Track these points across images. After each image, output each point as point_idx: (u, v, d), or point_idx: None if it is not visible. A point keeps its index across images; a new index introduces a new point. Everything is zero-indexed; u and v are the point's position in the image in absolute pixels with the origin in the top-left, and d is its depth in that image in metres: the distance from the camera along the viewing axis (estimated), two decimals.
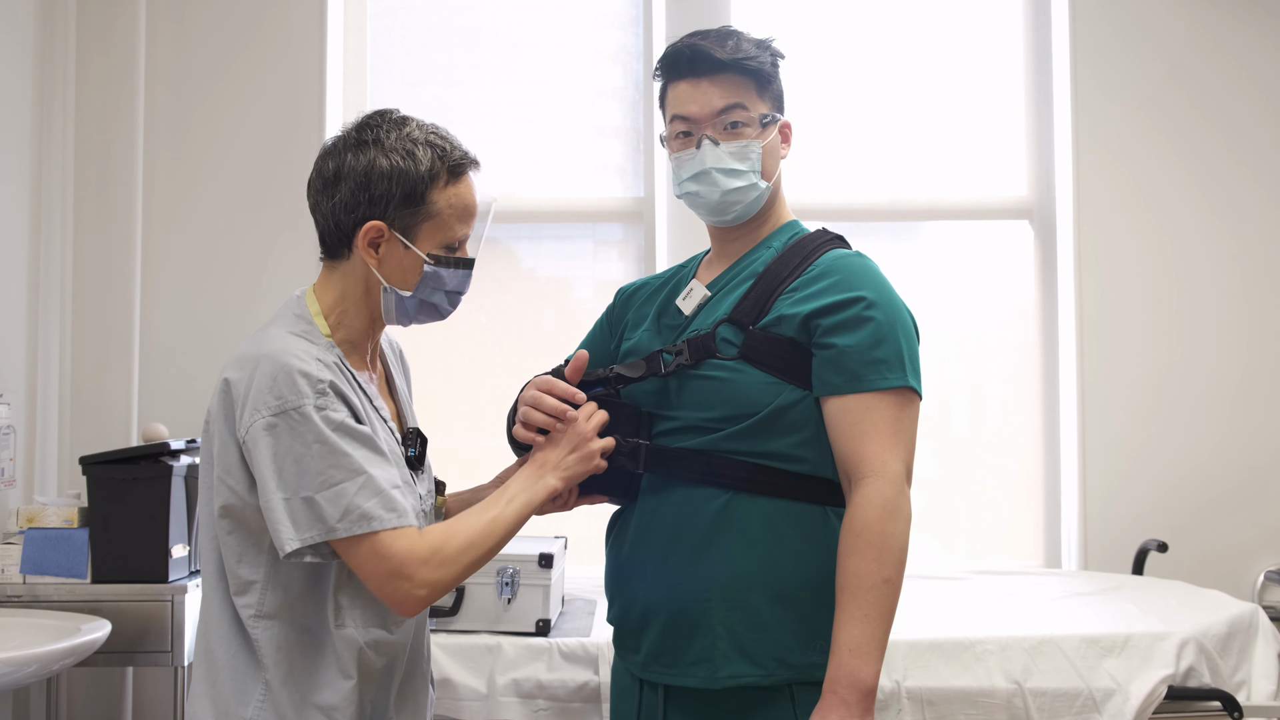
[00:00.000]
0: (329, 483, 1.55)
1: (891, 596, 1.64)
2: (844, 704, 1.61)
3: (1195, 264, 3.81)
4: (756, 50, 1.85)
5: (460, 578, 1.64)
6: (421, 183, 1.66)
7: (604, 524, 1.95)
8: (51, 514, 2.91)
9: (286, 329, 1.67)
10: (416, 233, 1.68)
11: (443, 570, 1.60)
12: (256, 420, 1.56)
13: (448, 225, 1.70)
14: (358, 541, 1.56)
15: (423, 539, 1.60)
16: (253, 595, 1.62)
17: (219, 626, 1.64)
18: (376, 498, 1.56)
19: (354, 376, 1.68)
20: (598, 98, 3.97)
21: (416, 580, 1.58)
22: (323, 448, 1.55)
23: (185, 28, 3.75)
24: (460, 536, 1.63)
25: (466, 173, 1.71)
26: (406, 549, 1.57)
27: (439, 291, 1.73)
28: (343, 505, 1.55)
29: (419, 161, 1.67)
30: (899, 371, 1.72)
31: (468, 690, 2.69)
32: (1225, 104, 3.83)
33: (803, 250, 1.84)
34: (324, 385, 1.58)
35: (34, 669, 2.47)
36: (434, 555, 1.59)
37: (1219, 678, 2.76)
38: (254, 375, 1.58)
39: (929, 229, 3.97)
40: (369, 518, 1.56)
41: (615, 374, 1.83)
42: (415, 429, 1.81)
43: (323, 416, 1.56)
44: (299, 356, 1.59)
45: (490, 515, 1.67)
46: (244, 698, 1.61)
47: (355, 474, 1.56)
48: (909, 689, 2.63)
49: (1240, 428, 3.79)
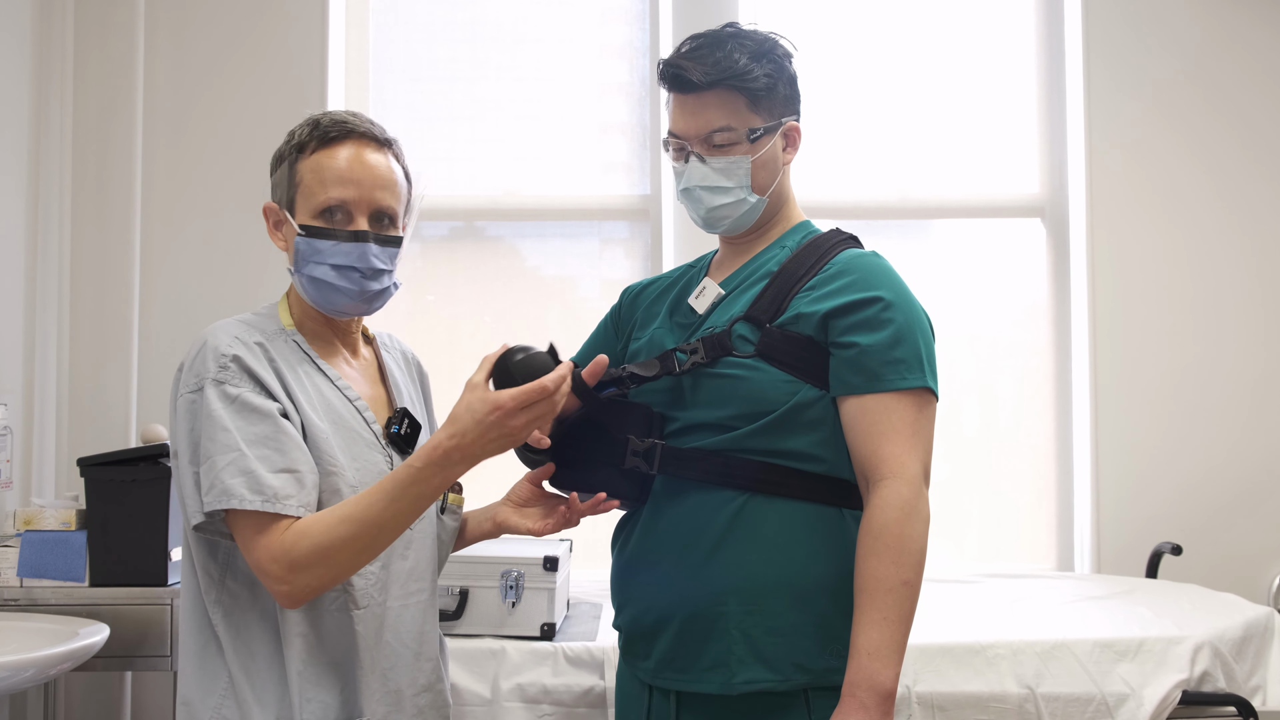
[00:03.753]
0: (206, 455, 1.56)
1: (910, 599, 1.64)
2: (863, 708, 1.60)
3: (1211, 262, 3.80)
4: (749, 63, 1.80)
5: (328, 582, 1.55)
6: (291, 154, 1.73)
7: (609, 525, 1.94)
8: (49, 516, 2.90)
9: (239, 317, 1.72)
10: (295, 207, 1.73)
11: (296, 573, 1.52)
12: (179, 400, 1.62)
13: (311, 191, 1.70)
14: (231, 522, 1.56)
15: (277, 536, 1.52)
16: (214, 588, 1.63)
17: (190, 621, 1.66)
18: (243, 476, 1.53)
19: (310, 358, 1.71)
20: (603, 94, 3.96)
21: (273, 577, 1.53)
22: (209, 421, 1.56)
23: (185, 22, 3.74)
24: (313, 538, 1.52)
25: (341, 142, 1.72)
26: (264, 543, 1.53)
27: (321, 265, 1.69)
28: (210, 479, 1.54)
29: (292, 136, 1.74)
30: (918, 372, 1.72)
31: (471, 695, 2.68)
32: (1241, 100, 3.82)
33: (818, 249, 1.83)
34: (226, 360, 1.60)
35: (31, 673, 2.45)
36: (284, 554, 1.52)
37: (1234, 682, 2.75)
38: (186, 358, 1.65)
39: (939, 227, 3.96)
40: (228, 494, 1.52)
41: (629, 373, 1.81)
42: (402, 409, 1.79)
43: (219, 391, 1.58)
44: (217, 335, 1.64)
45: (358, 516, 1.54)
46: (208, 690, 1.62)
47: (228, 450, 1.54)
48: (919, 694, 2.62)
49: (1256, 429, 3.77)
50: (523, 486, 1.90)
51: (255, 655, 1.62)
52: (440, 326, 3.81)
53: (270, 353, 1.66)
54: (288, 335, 1.71)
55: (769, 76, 1.82)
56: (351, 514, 1.54)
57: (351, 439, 1.68)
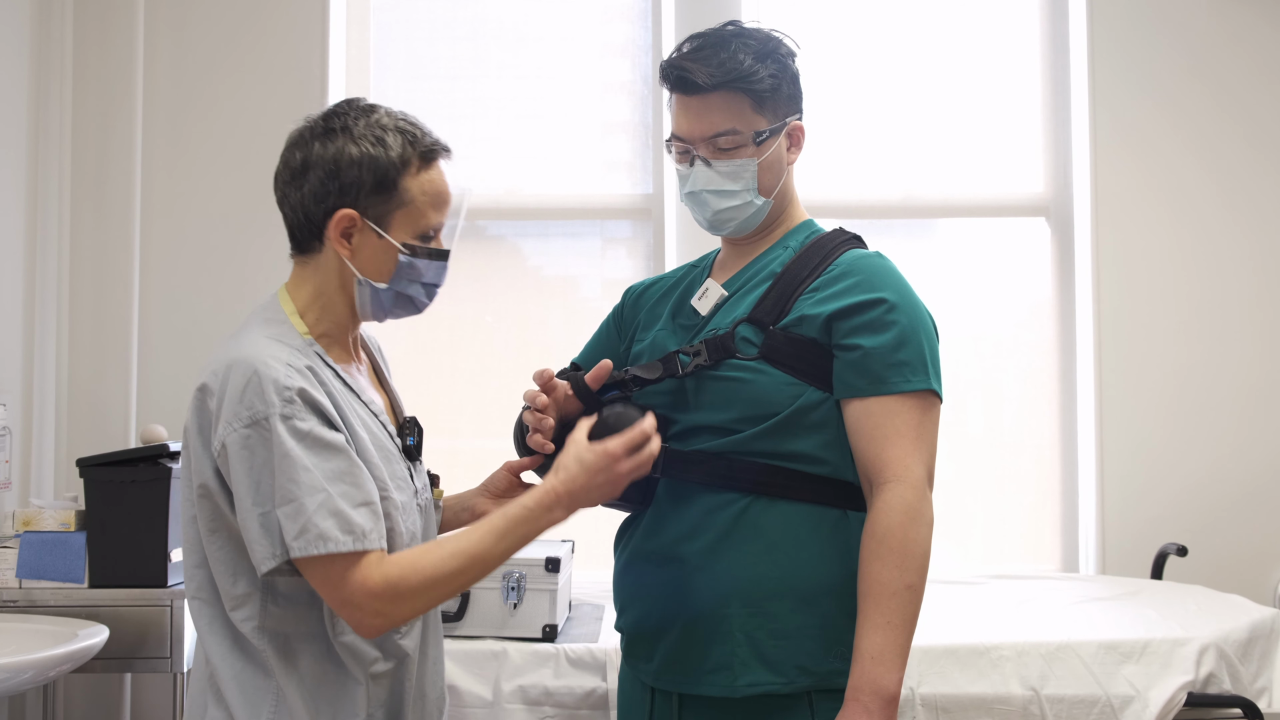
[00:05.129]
0: (288, 498, 1.50)
1: (914, 603, 1.64)
2: (866, 711, 1.60)
3: (1216, 261, 3.79)
4: (753, 64, 1.78)
5: (426, 609, 1.59)
6: (393, 169, 1.64)
7: (611, 526, 1.93)
8: (48, 517, 2.89)
9: (259, 332, 1.63)
10: (389, 221, 1.65)
11: (400, 605, 1.54)
12: (230, 434, 1.53)
13: (421, 213, 1.67)
14: (312, 562, 1.51)
15: (380, 569, 1.53)
16: (251, 608, 1.59)
17: (220, 642, 1.60)
18: (334, 518, 1.51)
19: (337, 373, 1.65)
20: (605, 92, 3.95)
21: (369, 611, 1.53)
22: (284, 460, 1.51)
23: (184, 19, 3.73)
24: (424, 573, 1.55)
25: (438, 159, 1.69)
26: (360, 579, 1.51)
27: (415, 283, 1.69)
28: (300, 523, 1.50)
29: (389, 148, 1.64)
30: (922, 374, 1.72)
31: (473, 697, 2.68)
32: (1247, 98, 3.81)
33: (821, 250, 1.82)
34: (291, 393, 1.53)
35: (30, 675, 2.44)
36: (389, 589, 1.52)
37: (1240, 684, 2.74)
38: (226, 385, 1.55)
39: (943, 226, 3.96)
40: (324, 539, 1.50)
41: (631, 376, 1.80)
42: (412, 418, 1.78)
43: (288, 427, 1.52)
44: (267, 363, 1.55)
45: (470, 551, 1.58)
46: (255, 710, 1.58)
47: (314, 491, 1.51)
48: (923, 696, 2.62)
49: (1262, 429, 3.77)
50: (501, 476, 1.90)
51: (305, 676, 1.60)
52: (441, 326, 3.79)
53: (319, 377, 1.61)
54: (311, 347, 1.65)
55: (773, 77, 1.80)
56: (464, 549, 1.57)
57: (386, 456, 1.67)
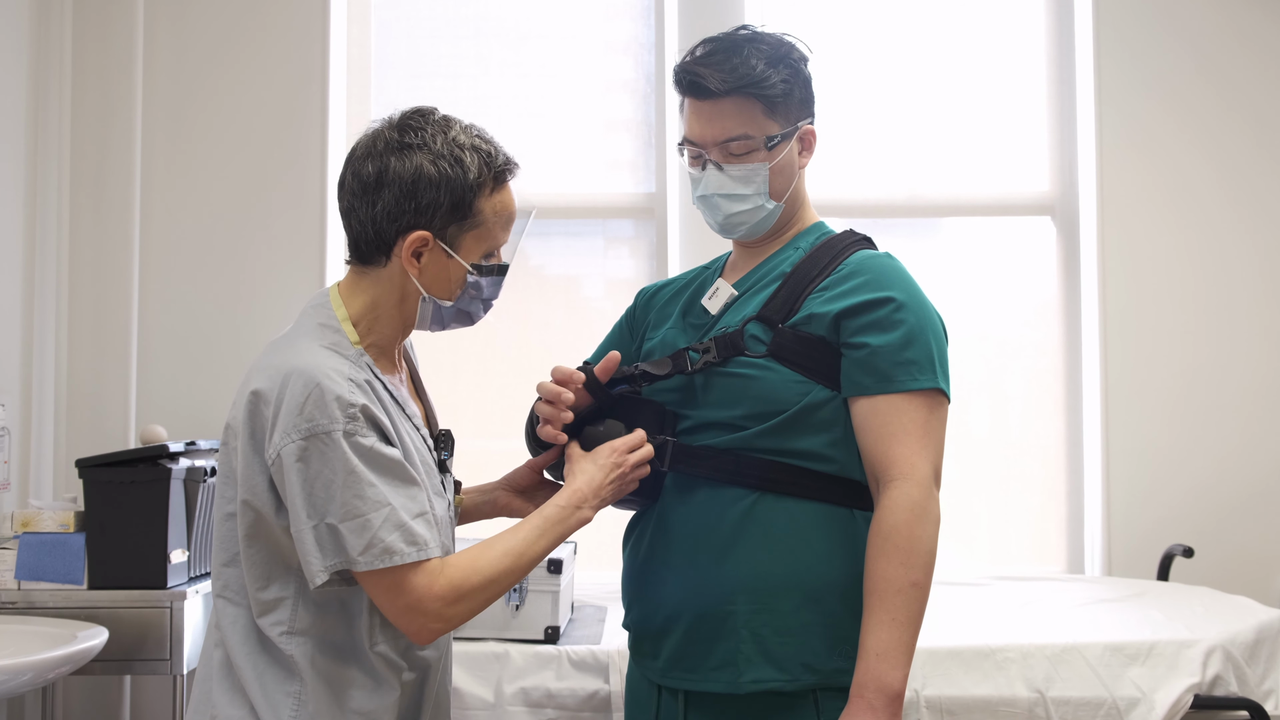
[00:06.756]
0: (353, 513, 1.53)
1: (919, 601, 1.65)
2: (871, 709, 1.61)
3: (1223, 262, 3.79)
4: (766, 69, 1.79)
5: (479, 610, 1.63)
6: (470, 191, 1.64)
7: (615, 528, 1.94)
8: (47, 518, 2.88)
9: (315, 340, 1.63)
10: (460, 242, 1.67)
11: (460, 605, 1.59)
12: (287, 444, 1.54)
13: (492, 234, 1.69)
14: (377, 574, 1.55)
15: (443, 574, 1.57)
16: (282, 612, 1.61)
17: (244, 642, 1.62)
18: (398, 531, 1.54)
19: (384, 385, 1.66)
20: (608, 91, 3.95)
21: (432, 615, 1.57)
22: (349, 476, 1.53)
23: (184, 17, 3.73)
24: (484, 572, 1.61)
25: (509, 178, 1.71)
26: (425, 584, 1.56)
27: (477, 300, 1.74)
28: (366, 538, 1.53)
29: (467, 169, 1.64)
30: (929, 373, 1.73)
31: (475, 699, 2.68)
32: (1253, 96, 3.81)
33: (831, 250, 1.84)
34: (355, 410, 1.55)
35: (29, 677, 2.44)
36: (453, 591, 1.57)
37: (1246, 686, 2.74)
38: (284, 393, 1.55)
39: (949, 225, 3.96)
40: (391, 552, 1.53)
41: (641, 371, 1.83)
42: (446, 431, 1.80)
43: (352, 443, 1.54)
44: (330, 376, 1.56)
45: (518, 549, 1.65)
46: (277, 709, 1.59)
47: (379, 506, 1.54)
48: (928, 698, 2.62)
49: (1269, 430, 3.76)
50: (523, 472, 1.94)
51: (329, 680, 1.62)
52: None
53: (374, 390, 1.63)
54: (362, 358, 1.65)
55: (786, 82, 1.82)
56: (513, 547, 1.64)
57: (428, 469, 1.70)
